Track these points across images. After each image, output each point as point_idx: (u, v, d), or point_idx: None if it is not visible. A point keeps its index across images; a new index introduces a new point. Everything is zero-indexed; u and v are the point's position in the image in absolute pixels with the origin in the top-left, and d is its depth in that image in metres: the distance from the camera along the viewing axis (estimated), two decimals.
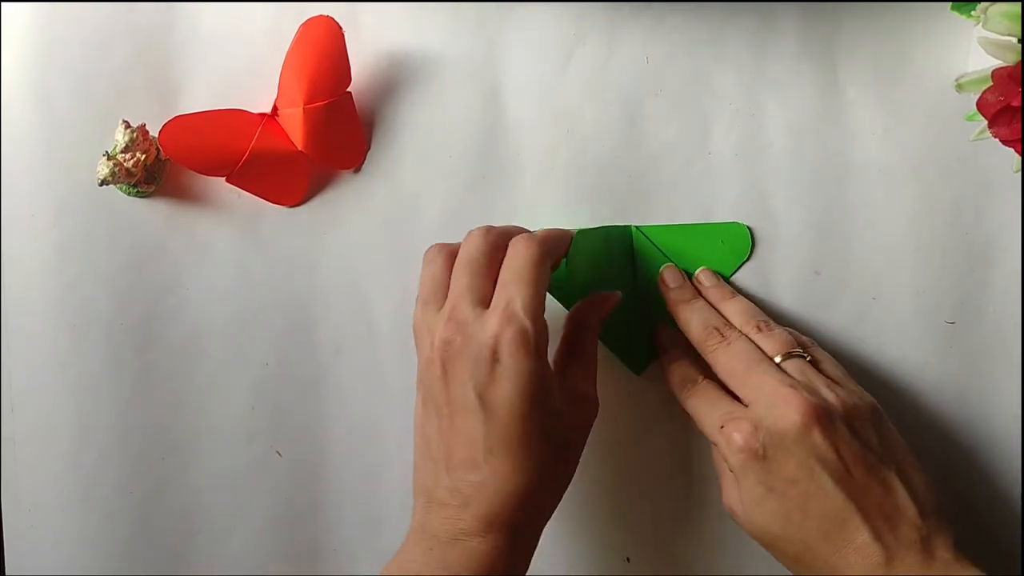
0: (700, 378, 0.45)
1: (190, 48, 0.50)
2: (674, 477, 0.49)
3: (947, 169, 0.49)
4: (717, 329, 0.45)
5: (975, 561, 0.39)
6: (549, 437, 0.39)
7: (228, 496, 0.50)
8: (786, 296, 0.49)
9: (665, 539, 0.49)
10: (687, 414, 0.45)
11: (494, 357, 0.38)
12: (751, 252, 0.49)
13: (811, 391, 0.41)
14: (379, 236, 0.50)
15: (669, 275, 0.48)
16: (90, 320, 0.50)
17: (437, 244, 0.44)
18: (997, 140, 0.43)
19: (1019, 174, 0.48)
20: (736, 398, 0.43)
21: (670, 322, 0.47)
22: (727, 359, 0.43)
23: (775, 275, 0.49)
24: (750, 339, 0.44)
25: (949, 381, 0.49)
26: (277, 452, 0.50)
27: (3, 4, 0.49)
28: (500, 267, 0.41)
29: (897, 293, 0.49)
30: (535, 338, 0.38)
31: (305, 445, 0.50)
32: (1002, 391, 0.49)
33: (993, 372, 0.49)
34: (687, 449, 0.49)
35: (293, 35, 0.48)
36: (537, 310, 0.39)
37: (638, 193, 0.49)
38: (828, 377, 0.43)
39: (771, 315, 0.47)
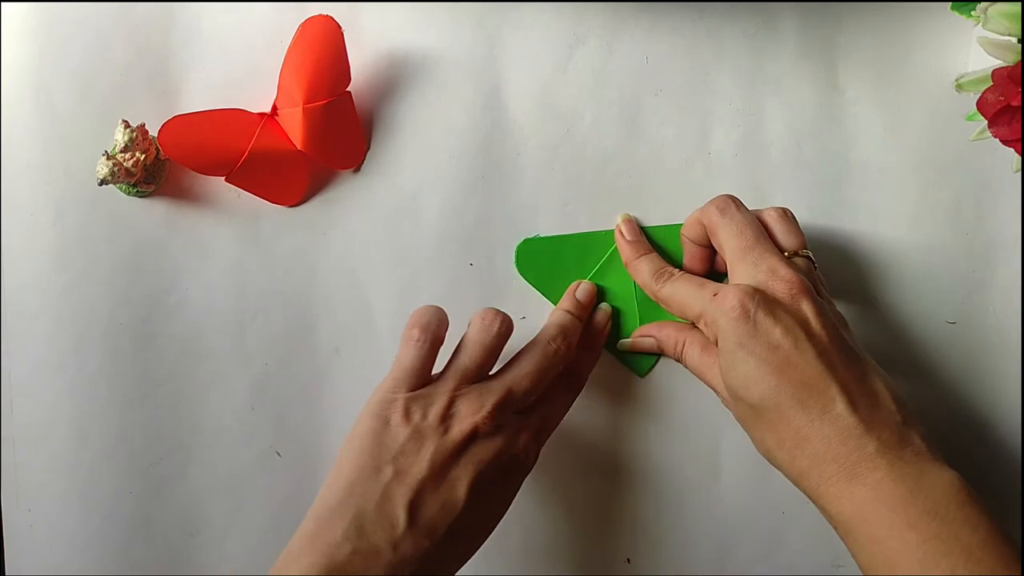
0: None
1: (190, 48, 0.50)
2: (674, 477, 0.49)
3: (947, 169, 0.49)
4: (669, 272, 0.46)
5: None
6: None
7: (228, 496, 0.50)
8: None
9: (665, 539, 0.49)
10: (670, 333, 0.46)
11: (514, 465, 0.42)
12: None
13: (810, 280, 0.42)
14: (379, 236, 0.50)
15: (627, 227, 0.48)
16: (90, 320, 0.50)
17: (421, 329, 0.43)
18: (997, 140, 0.43)
19: (1019, 174, 0.48)
20: None
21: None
22: (735, 227, 0.43)
23: None
24: (748, 212, 0.44)
25: (949, 381, 0.49)
26: (277, 452, 0.50)
27: (3, 4, 0.49)
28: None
29: (897, 293, 0.49)
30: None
31: (305, 445, 0.50)
32: (1002, 391, 0.49)
33: (993, 372, 0.49)
34: (687, 449, 0.49)
35: (293, 35, 0.48)
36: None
37: (638, 193, 0.49)
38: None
39: None
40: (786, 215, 0.45)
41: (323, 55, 0.47)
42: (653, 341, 0.47)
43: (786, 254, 0.43)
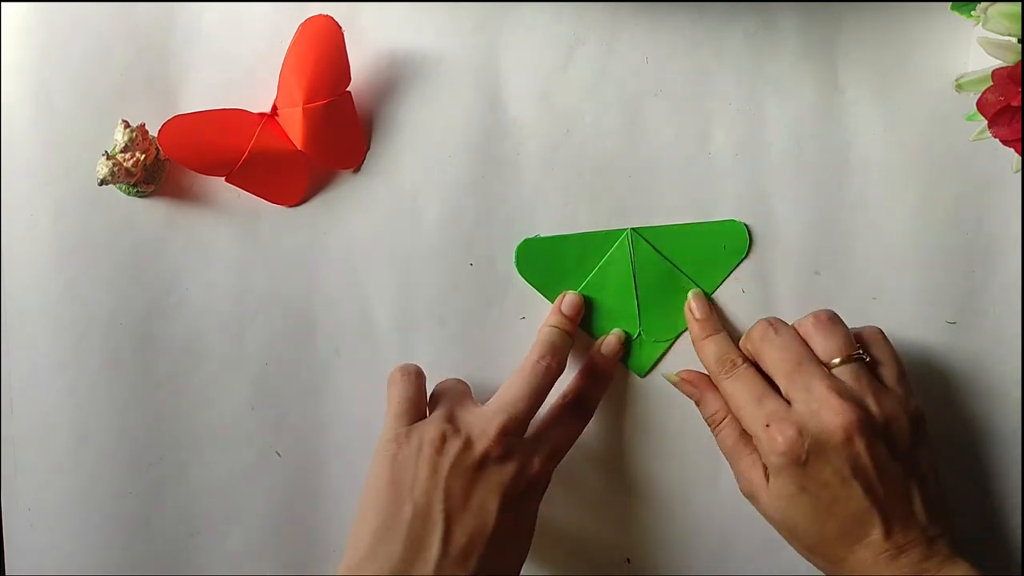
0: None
1: (190, 48, 0.50)
2: (674, 477, 0.49)
3: (947, 169, 0.49)
4: (732, 361, 0.45)
5: (974, 560, 0.41)
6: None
7: (228, 496, 0.50)
8: (786, 296, 0.49)
9: (665, 539, 0.49)
10: (713, 401, 0.46)
11: (529, 488, 0.43)
12: (749, 249, 0.49)
13: (857, 400, 0.41)
14: (379, 236, 0.50)
15: (696, 304, 0.48)
16: (90, 320, 0.50)
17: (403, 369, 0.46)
18: (997, 140, 0.43)
19: (1019, 174, 0.48)
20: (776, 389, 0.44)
21: (677, 316, 0.49)
22: (777, 353, 0.43)
23: (775, 275, 0.49)
24: (801, 336, 0.44)
25: (949, 381, 0.49)
26: (277, 452, 0.50)
27: (3, 4, 0.49)
28: None
29: (897, 293, 0.49)
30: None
31: (305, 445, 0.50)
32: (1002, 391, 0.49)
33: (993, 372, 0.49)
34: (687, 449, 0.49)
35: (293, 35, 0.48)
36: None
37: (638, 193, 0.49)
38: (882, 380, 0.43)
39: (771, 316, 0.47)
40: (821, 320, 0.44)
41: (323, 55, 0.47)
42: (695, 393, 0.47)
43: (836, 361, 0.43)
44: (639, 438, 0.49)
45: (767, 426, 0.41)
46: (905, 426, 0.42)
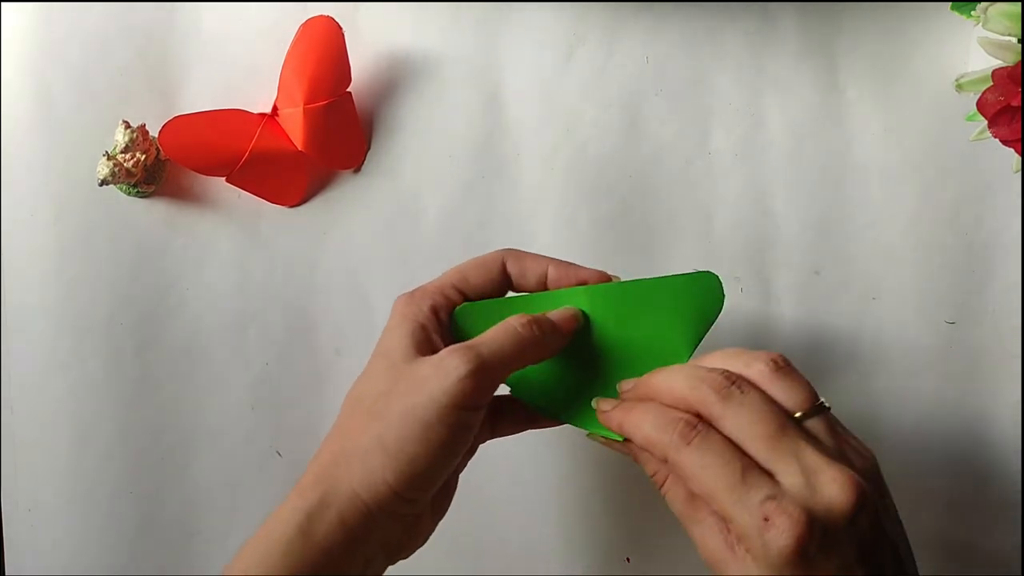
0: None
1: (190, 48, 0.50)
2: None
3: (947, 169, 0.49)
4: (688, 423, 0.33)
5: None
6: None
7: (228, 496, 0.50)
8: (786, 296, 0.49)
9: (665, 539, 0.49)
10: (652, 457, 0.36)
11: None
12: (721, 308, 0.39)
13: (848, 463, 0.33)
14: (379, 236, 0.50)
15: (603, 403, 0.38)
16: (90, 320, 0.50)
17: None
18: (997, 140, 0.43)
19: (1019, 174, 0.48)
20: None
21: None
22: (751, 414, 0.33)
23: (775, 275, 0.49)
24: (761, 391, 0.34)
25: (949, 381, 0.49)
26: (277, 452, 0.50)
27: (3, 4, 0.49)
28: None
29: (897, 293, 0.49)
30: None
31: (305, 445, 0.50)
32: (1002, 391, 0.49)
33: (993, 372, 0.49)
34: None
35: (293, 35, 0.48)
36: None
37: (638, 193, 0.49)
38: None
39: (771, 316, 0.47)
40: (780, 368, 0.34)
41: (324, 56, 0.47)
42: (626, 449, 0.38)
43: (798, 415, 0.33)
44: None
45: (765, 520, 0.31)
46: (879, 472, 0.34)
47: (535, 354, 0.37)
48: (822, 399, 0.34)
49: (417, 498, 0.35)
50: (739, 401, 0.33)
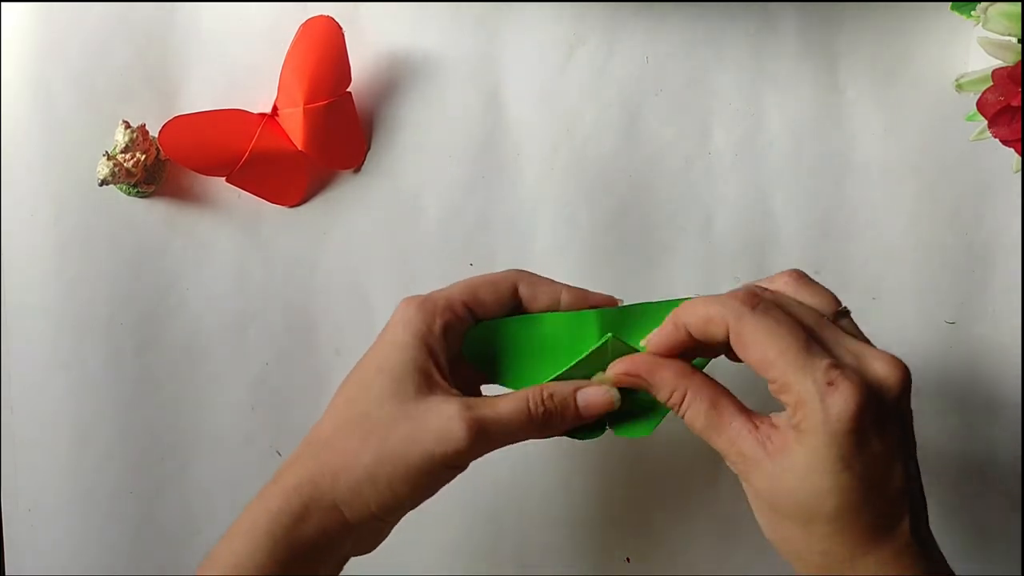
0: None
1: (190, 48, 0.50)
2: (674, 477, 0.49)
3: (947, 169, 0.49)
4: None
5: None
6: None
7: (228, 496, 0.50)
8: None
9: (665, 539, 0.49)
10: (667, 380, 0.35)
11: None
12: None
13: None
14: (379, 236, 0.50)
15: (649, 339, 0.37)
16: (90, 320, 0.49)
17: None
18: (997, 140, 0.43)
19: (1019, 174, 0.48)
20: None
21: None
22: (785, 317, 0.33)
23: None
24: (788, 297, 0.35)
25: (949, 381, 0.49)
26: (277, 452, 0.50)
27: (3, 4, 0.49)
28: None
29: (897, 293, 0.49)
30: None
31: None
32: (1002, 391, 0.49)
33: (993, 372, 0.49)
34: (687, 449, 0.49)
35: (293, 35, 0.48)
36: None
37: (638, 193, 0.49)
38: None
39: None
40: (798, 279, 0.35)
41: (324, 56, 0.47)
42: (641, 381, 0.36)
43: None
44: (639, 438, 0.49)
45: (828, 384, 0.31)
46: None
47: (542, 432, 0.37)
48: (844, 305, 0.35)
49: (397, 519, 0.37)
50: (767, 311, 0.33)
